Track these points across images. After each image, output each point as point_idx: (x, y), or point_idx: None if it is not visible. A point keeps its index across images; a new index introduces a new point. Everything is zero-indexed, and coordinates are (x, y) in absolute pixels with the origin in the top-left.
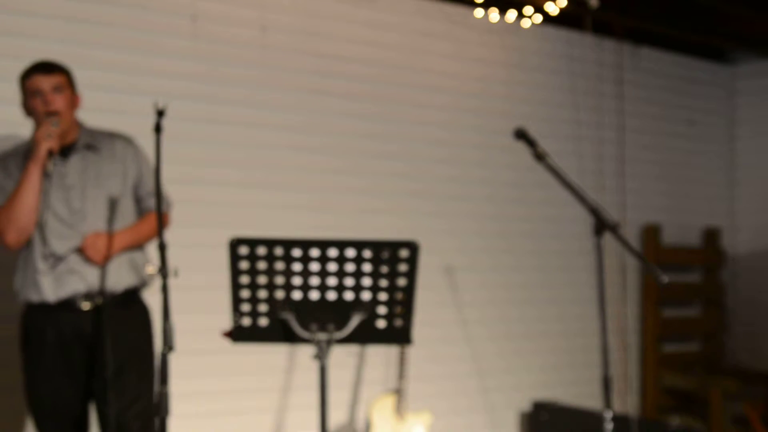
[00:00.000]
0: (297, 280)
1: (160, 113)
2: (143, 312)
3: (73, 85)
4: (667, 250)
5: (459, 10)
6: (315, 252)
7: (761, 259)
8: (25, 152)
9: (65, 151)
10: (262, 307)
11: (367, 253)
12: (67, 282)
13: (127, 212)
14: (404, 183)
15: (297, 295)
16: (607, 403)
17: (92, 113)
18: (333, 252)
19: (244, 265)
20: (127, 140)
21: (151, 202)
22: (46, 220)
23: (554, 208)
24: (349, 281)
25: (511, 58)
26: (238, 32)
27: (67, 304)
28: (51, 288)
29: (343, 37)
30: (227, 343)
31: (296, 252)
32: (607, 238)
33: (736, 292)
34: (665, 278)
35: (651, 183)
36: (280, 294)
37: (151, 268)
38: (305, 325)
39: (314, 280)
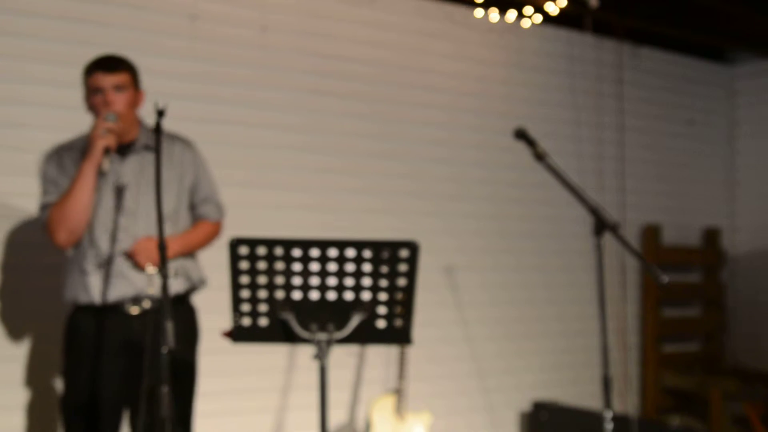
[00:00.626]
0: (297, 280)
1: (160, 113)
2: (190, 319)
3: (136, 82)
4: (667, 250)
5: (459, 10)
6: (315, 252)
7: (761, 259)
8: (81, 148)
9: (123, 150)
10: (262, 307)
11: (367, 253)
12: (116, 285)
13: (181, 218)
14: (404, 183)
15: (297, 295)
16: (607, 403)
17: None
18: (333, 252)
19: (244, 265)
20: (186, 143)
21: (205, 209)
22: (97, 221)
23: (554, 208)
24: (349, 281)
25: (511, 58)
26: (238, 32)
27: (115, 308)
28: (99, 290)
29: (343, 37)
30: (227, 343)
31: (296, 252)
32: (607, 238)
33: (736, 292)
34: (665, 278)
35: (651, 183)
36: (280, 294)
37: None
38: (305, 325)
39: (314, 280)
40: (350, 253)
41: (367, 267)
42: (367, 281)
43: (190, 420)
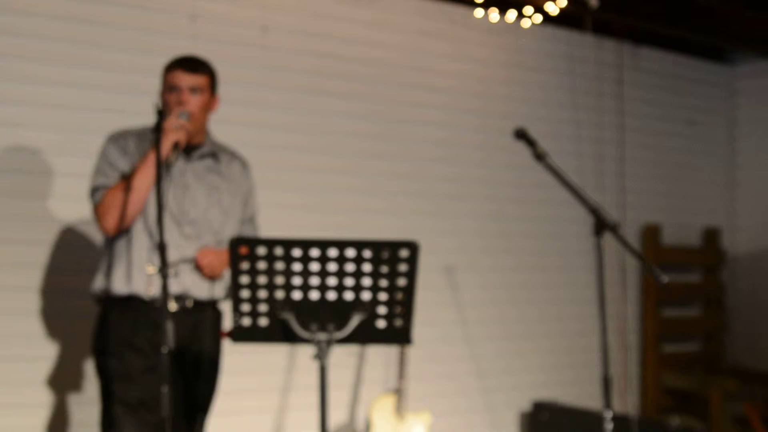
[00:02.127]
0: (297, 280)
1: (161, 113)
2: (219, 323)
3: (214, 87)
4: (667, 250)
5: (459, 10)
6: (315, 252)
7: (761, 259)
8: (149, 138)
9: (189, 152)
10: (262, 307)
11: (367, 253)
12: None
13: (230, 229)
14: (404, 183)
15: (297, 295)
16: (607, 403)
17: (92, 113)
18: (333, 252)
19: (244, 265)
20: (244, 163)
21: (245, 229)
22: (156, 214)
23: (554, 208)
24: (349, 281)
25: (511, 58)
26: (238, 32)
27: (155, 303)
28: (143, 283)
29: (343, 37)
30: (227, 343)
31: (296, 252)
32: (607, 238)
33: (736, 292)
34: (665, 278)
35: (651, 183)
36: (280, 294)
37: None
38: (305, 325)
39: (314, 280)
40: (350, 253)
41: (367, 267)
42: (367, 281)
43: (208, 414)
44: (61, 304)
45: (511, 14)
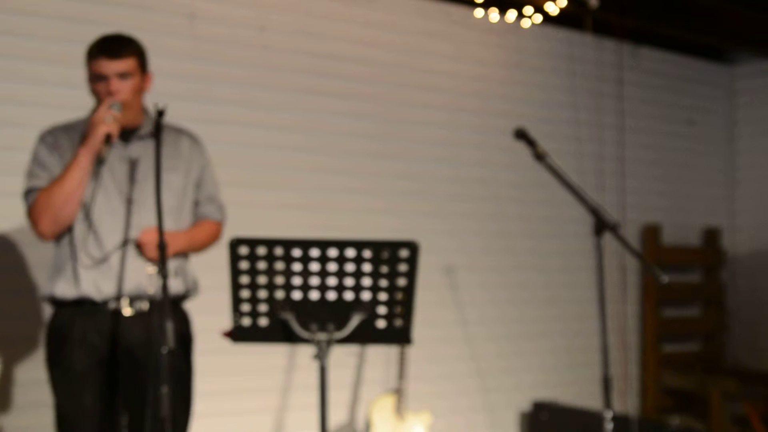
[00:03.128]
0: (297, 280)
1: (160, 113)
2: (185, 322)
3: (143, 65)
4: (667, 250)
5: (459, 10)
6: (315, 252)
7: (761, 259)
8: (82, 131)
9: (126, 136)
10: (262, 307)
11: (367, 253)
12: (109, 279)
13: (184, 214)
14: (404, 183)
15: (297, 295)
16: (607, 403)
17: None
18: (333, 252)
19: (244, 265)
20: (193, 138)
21: (208, 209)
22: (96, 209)
23: (554, 208)
24: (349, 281)
25: (511, 58)
26: (237, 32)
27: (108, 306)
28: (93, 284)
29: (342, 36)
30: (227, 343)
31: (296, 252)
32: (607, 238)
33: (736, 292)
34: (665, 278)
35: (651, 183)
36: (280, 294)
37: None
38: (305, 325)
39: (314, 280)
40: (350, 253)
41: (367, 267)
42: (367, 281)
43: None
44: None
45: (511, 14)
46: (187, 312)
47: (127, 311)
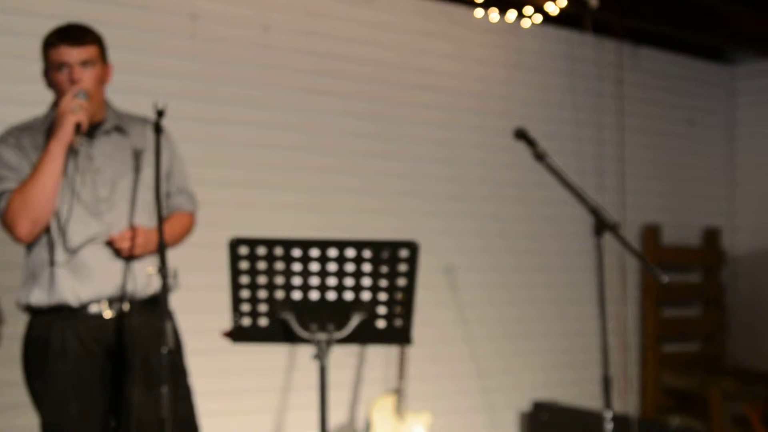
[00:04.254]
0: (297, 280)
1: (160, 113)
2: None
3: (104, 55)
4: (667, 250)
5: (459, 10)
6: (315, 252)
7: (761, 259)
8: (42, 129)
9: (91, 132)
10: (262, 307)
11: (367, 253)
12: (87, 283)
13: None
14: (404, 183)
15: (297, 295)
16: (607, 403)
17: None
18: (333, 252)
19: (243, 265)
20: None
21: (180, 200)
22: (67, 208)
23: (554, 208)
24: (349, 281)
25: (511, 58)
26: (238, 32)
27: (87, 309)
28: (69, 288)
29: (343, 36)
30: (227, 343)
31: (296, 252)
32: (607, 238)
33: (736, 292)
34: (665, 278)
35: (651, 183)
36: (280, 294)
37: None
38: (305, 325)
39: (314, 280)
40: (350, 253)
41: (366, 267)
42: (366, 281)
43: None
44: None
45: (511, 14)
46: (171, 310)
47: (107, 314)
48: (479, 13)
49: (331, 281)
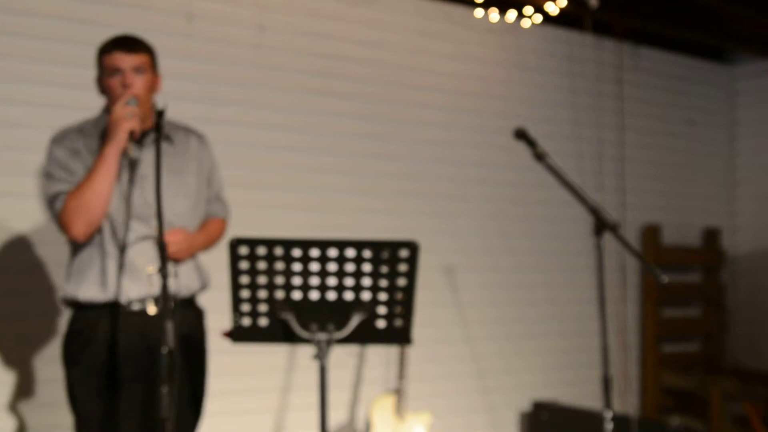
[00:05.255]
0: (297, 280)
1: (160, 113)
2: (201, 316)
3: (155, 65)
4: (667, 250)
5: (459, 10)
6: (315, 252)
7: (761, 259)
8: (95, 132)
9: (140, 138)
10: (262, 307)
11: (367, 253)
12: (134, 281)
13: (198, 213)
14: (404, 183)
15: (297, 295)
16: (607, 403)
17: (92, 113)
18: (333, 252)
19: (244, 265)
20: (201, 138)
21: (216, 206)
22: (118, 210)
23: (554, 208)
24: (349, 281)
25: (511, 58)
26: (235, 32)
27: (132, 306)
28: (120, 287)
29: (342, 36)
30: (227, 342)
31: (296, 252)
32: (607, 238)
33: (736, 292)
34: (665, 278)
35: (651, 183)
36: (280, 294)
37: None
38: (305, 325)
39: (314, 280)
40: (350, 253)
41: (367, 267)
42: (367, 281)
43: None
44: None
45: (511, 14)
46: (202, 308)
47: (151, 310)
48: (479, 13)
49: (331, 281)
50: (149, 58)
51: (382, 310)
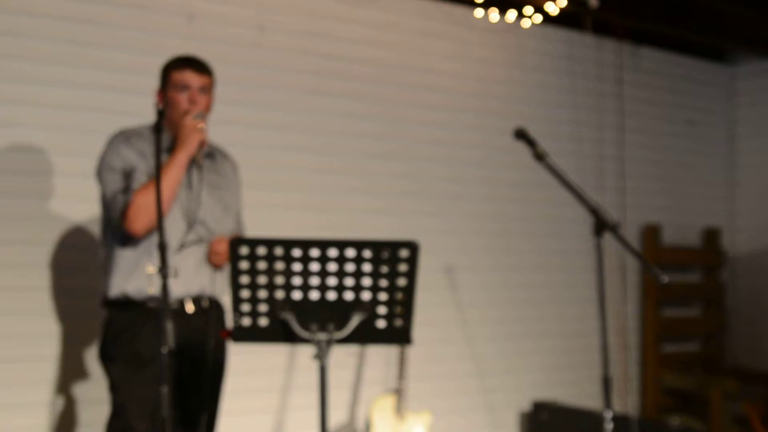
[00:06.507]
0: (297, 280)
1: (161, 114)
2: (224, 320)
3: (213, 89)
4: (667, 250)
5: (459, 10)
6: (315, 252)
7: (761, 259)
8: (149, 136)
9: None
10: (262, 307)
11: (367, 253)
12: (178, 281)
13: (231, 227)
14: (404, 183)
15: (297, 295)
16: (607, 403)
17: (92, 113)
18: (333, 252)
19: (244, 265)
20: (233, 162)
21: (239, 226)
22: (172, 214)
23: (554, 208)
24: (349, 281)
25: (511, 58)
26: (236, 32)
27: (173, 304)
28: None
29: (342, 36)
30: (227, 343)
31: (296, 252)
32: (607, 238)
33: (736, 292)
34: (665, 278)
35: (651, 183)
36: (280, 294)
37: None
38: (305, 325)
39: (314, 280)
40: (350, 253)
41: (367, 267)
42: (367, 281)
43: (217, 415)
44: (65, 303)
45: (511, 14)
46: (224, 308)
47: (190, 308)
48: (479, 13)
49: (332, 281)
50: (212, 81)
51: (382, 310)
